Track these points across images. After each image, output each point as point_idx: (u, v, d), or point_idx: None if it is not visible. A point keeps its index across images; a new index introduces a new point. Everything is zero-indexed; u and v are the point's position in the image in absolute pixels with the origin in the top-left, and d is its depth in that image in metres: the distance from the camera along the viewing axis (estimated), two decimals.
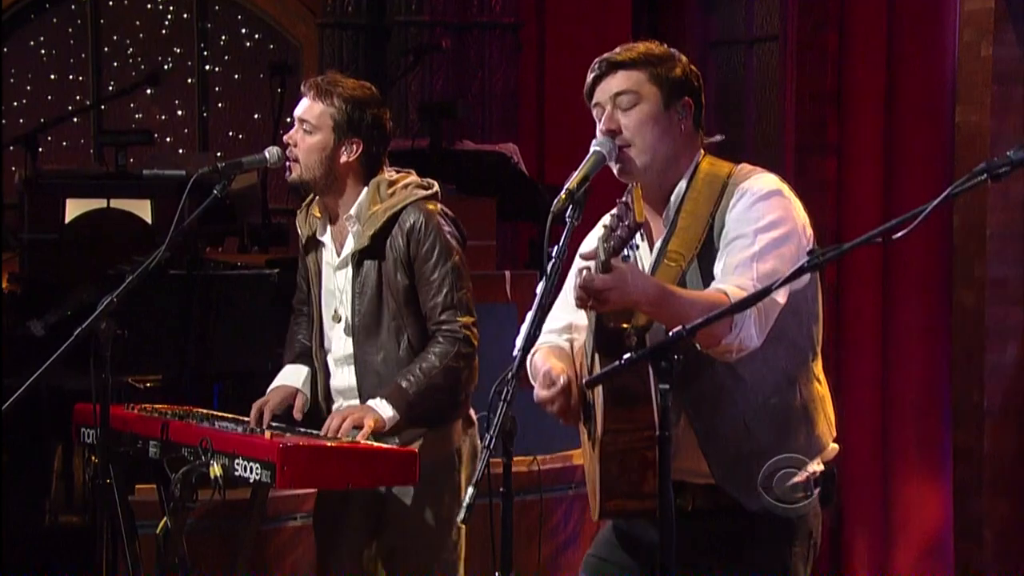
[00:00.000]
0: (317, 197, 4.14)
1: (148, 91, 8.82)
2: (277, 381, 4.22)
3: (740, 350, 3.01)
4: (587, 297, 2.92)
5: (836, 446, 3.29)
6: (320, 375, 4.18)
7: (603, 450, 3.03)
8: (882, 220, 6.43)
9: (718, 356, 3.04)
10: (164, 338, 5.59)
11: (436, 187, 4.11)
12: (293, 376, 4.21)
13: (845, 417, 6.24)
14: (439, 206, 4.08)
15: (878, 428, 6.31)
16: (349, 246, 4.07)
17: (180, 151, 9.25)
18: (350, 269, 4.07)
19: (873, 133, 6.36)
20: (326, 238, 4.14)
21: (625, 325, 3.09)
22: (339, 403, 4.15)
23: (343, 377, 4.13)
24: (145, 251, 5.87)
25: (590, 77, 3.23)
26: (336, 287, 4.11)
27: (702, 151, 3.27)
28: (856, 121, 6.42)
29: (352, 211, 4.04)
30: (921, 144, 6.23)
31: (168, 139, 9.30)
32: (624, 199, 2.86)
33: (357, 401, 4.08)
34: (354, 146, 4.03)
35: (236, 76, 9.43)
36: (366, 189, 4.04)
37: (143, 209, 6.84)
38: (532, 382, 3.27)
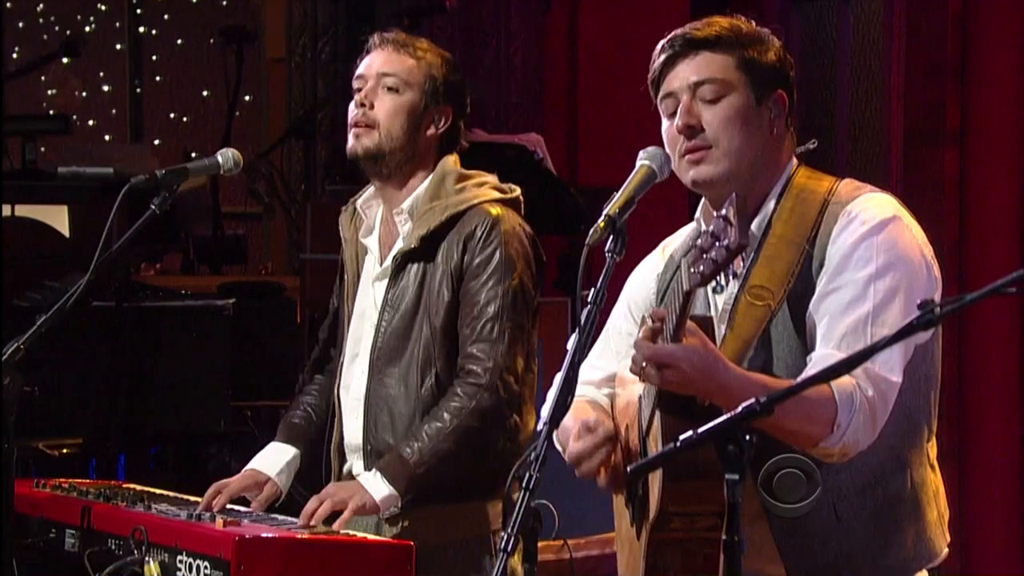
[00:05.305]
0: (372, 188, 4.10)
1: (64, 61, 8.84)
2: (253, 462, 4.19)
3: (844, 455, 3.03)
4: (642, 364, 2.95)
5: (947, 550, 3.26)
6: (337, 425, 4.13)
7: (653, 538, 3.02)
8: (1019, 230, 6.43)
9: (818, 457, 3.05)
10: (85, 390, 5.58)
11: (518, 193, 4.06)
12: (272, 460, 4.17)
13: (969, 494, 6.22)
14: (518, 217, 4.03)
15: (1015, 506, 6.29)
16: (397, 250, 4.03)
17: (107, 139, 9.27)
18: (388, 280, 4.03)
19: (1006, 118, 6.35)
20: (371, 240, 4.10)
21: None
22: (349, 465, 4.10)
23: (356, 426, 4.07)
24: (60, 272, 5.91)
25: (659, 59, 3.21)
26: (371, 303, 4.07)
27: (795, 160, 3.27)
28: (984, 102, 6.42)
29: (405, 204, 4.01)
30: None
31: (91, 123, 9.33)
32: (723, 211, 2.82)
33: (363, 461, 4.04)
34: (443, 118, 4.03)
35: (179, 42, 9.47)
36: (428, 179, 4.01)
37: (58, 218, 6.86)
38: (559, 448, 3.25)
